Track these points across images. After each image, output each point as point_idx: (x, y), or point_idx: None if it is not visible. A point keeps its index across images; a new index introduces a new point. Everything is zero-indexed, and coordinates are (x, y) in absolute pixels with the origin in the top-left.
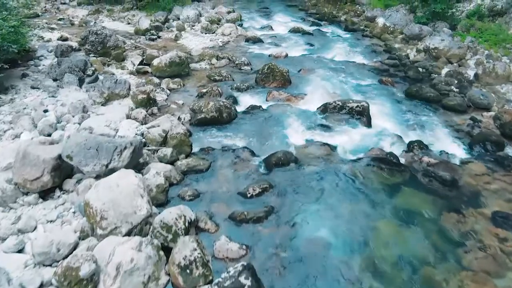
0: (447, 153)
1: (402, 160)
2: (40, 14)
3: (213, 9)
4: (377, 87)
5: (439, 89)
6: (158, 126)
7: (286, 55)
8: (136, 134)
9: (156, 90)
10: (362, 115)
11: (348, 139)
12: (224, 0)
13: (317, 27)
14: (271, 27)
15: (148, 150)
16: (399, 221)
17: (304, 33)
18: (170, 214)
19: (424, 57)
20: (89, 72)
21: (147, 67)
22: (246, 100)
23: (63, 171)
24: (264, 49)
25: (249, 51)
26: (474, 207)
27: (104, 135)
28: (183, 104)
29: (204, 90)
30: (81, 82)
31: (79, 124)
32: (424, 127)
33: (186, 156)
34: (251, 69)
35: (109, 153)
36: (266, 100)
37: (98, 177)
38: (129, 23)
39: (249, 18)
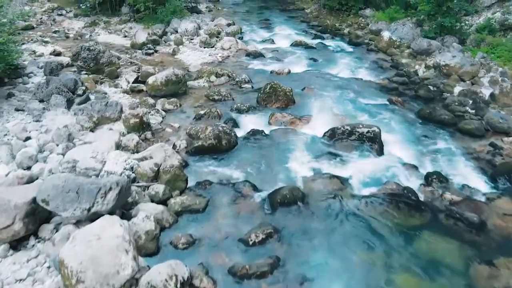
0: (469, 187)
1: (421, 197)
2: (35, 26)
3: (213, 21)
4: (386, 108)
5: (453, 110)
6: (150, 157)
7: (289, 72)
8: (124, 169)
9: (150, 112)
10: (373, 142)
11: (359, 170)
12: (224, 12)
13: (320, 40)
14: (273, 40)
15: (138, 186)
16: (420, 274)
17: (307, 47)
18: (159, 275)
19: (434, 74)
20: (80, 92)
21: (142, 85)
22: (247, 123)
23: (38, 216)
24: (265, 64)
25: (250, 67)
26: (507, 256)
27: (89, 169)
28: (179, 127)
29: (202, 112)
30: (70, 104)
31: (63, 155)
32: (440, 155)
33: (181, 193)
34: (252, 87)
35: (91, 196)
36: (269, 123)
37: (79, 222)
38: (125, 36)
39: (249, 30)
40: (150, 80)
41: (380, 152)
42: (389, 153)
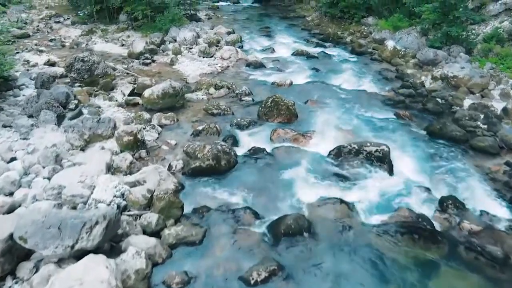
0: (488, 213)
1: (437, 226)
2: (31, 34)
3: (212, 29)
4: (393, 122)
5: (464, 125)
6: (143, 182)
7: (291, 83)
8: (115, 196)
9: (145, 128)
10: (382, 162)
11: (368, 193)
12: (223, 19)
13: (322, 49)
14: (273, 49)
15: (129, 215)
16: None
17: (309, 56)
18: None
19: (442, 85)
20: (72, 106)
21: (138, 98)
22: (247, 140)
23: (16, 253)
24: (266, 75)
25: (250, 78)
26: None
27: (76, 196)
28: (176, 144)
29: (200, 128)
30: (60, 119)
31: (49, 179)
32: (454, 176)
33: (176, 222)
34: (253, 99)
35: (75, 232)
36: (271, 140)
37: (61, 260)
38: (123, 45)
39: (249, 38)
40: (146, 93)
41: (390, 172)
42: (399, 174)
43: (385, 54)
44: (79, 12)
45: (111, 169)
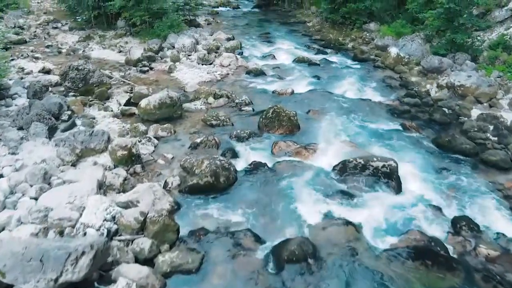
0: (505, 236)
1: (451, 250)
2: (28, 40)
3: (211, 35)
4: (399, 134)
5: (473, 137)
6: (136, 202)
7: (292, 92)
8: (105, 220)
9: (141, 140)
10: (390, 178)
11: (376, 214)
12: (223, 25)
13: (323, 56)
14: (274, 56)
15: (120, 241)
16: None
17: (310, 63)
18: None
19: (448, 94)
20: (64, 117)
21: (134, 108)
22: (247, 154)
23: None
24: (267, 83)
25: (250, 86)
26: None
27: (63, 219)
28: (172, 158)
29: (198, 140)
30: (52, 131)
31: (36, 199)
32: (466, 193)
33: (171, 247)
34: (253, 109)
35: (59, 263)
36: (272, 153)
37: None
38: (120, 51)
39: (249, 45)
40: (143, 103)
41: (398, 190)
42: (408, 191)
43: (388, 61)
44: (77, 17)
45: (103, 186)
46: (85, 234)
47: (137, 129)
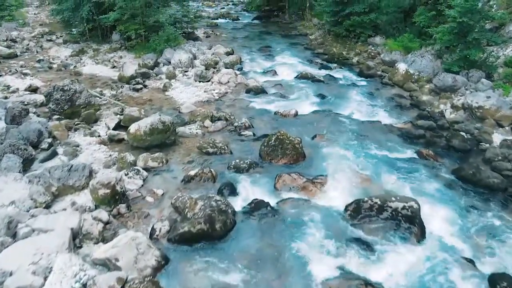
0: None
1: None
2: (19, 54)
3: (210, 49)
4: (416, 164)
5: (499, 168)
6: (115, 261)
7: (296, 114)
8: None
9: (128, 173)
10: (412, 223)
11: (398, 270)
12: (222, 37)
13: (327, 71)
14: (275, 72)
15: None
16: None
17: (314, 80)
18: None
19: (464, 116)
20: (44, 146)
21: (123, 132)
22: (247, 189)
23: None
24: (268, 102)
25: (250, 106)
26: None
27: None
28: (163, 194)
29: (193, 173)
30: (29, 164)
31: None
32: (499, 240)
33: None
34: (254, 134)
35: None
36: (275, 188)
37: None
38: (114, 67)
39: (249, 59)
40: (132, 128)
41: (421, 237)
42: (432, 239)
43: (396, 78)
44: (73, 30)
45: (79, 235)
46: None
47: (124, 160)
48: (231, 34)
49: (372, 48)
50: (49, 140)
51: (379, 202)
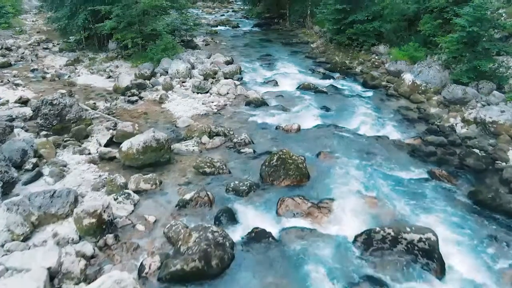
0: None
1: None
2: (13, 63)
3: (209, 58)
4: (429, 185)
5: None
6: None
7: (299, 128)
8: None
9: (118, 198)
10: (430, 257)
11: None
12: (222, 46)
13: (330, 81)
14: (276, 82)
15: None
16: None
17: (316, 90)
18: None
19: (477, 131)
20: (29, 166)
21: (115, 150)
22: (247, 216)
23: None
24: (269, 115)
25: (250, 120)
26: None
27: None
28: (155, 222)
29: (188, 197)
30: (10, 187)
31: None
32: None
33: None
34: (254, 151)
35: None
36: (277, 214)
37: None
38: (109, 77)
39: (249, 68)
40: (124, 146)
41: (441, 273)
42: (453, 274)
43: (402, 89)
44: (70, 37)
45: (58, 275)
46: None
47: (114, 182)
48: (231, 42)
49: (376, 57)
50: (34, 160)
51: (392, 233)
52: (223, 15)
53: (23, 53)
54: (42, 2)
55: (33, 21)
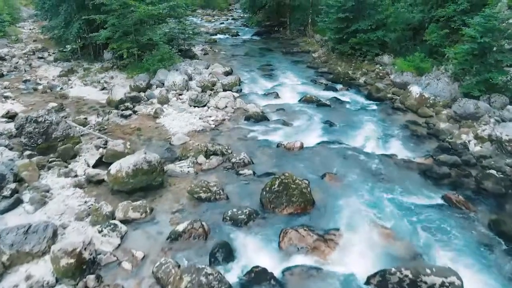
0: None
1: None
2: (5, 73)
3: (207, 68)
4: (445, 213)
5: None
6: None
7: (301, 146)
8: None
9: (102, 230)
10: None
11: None
12: (221, 55)
13: (333, 93)
14: (277, 94)
15: None
16: None
17: (319, 103)
18: None
19: (491, 149)
20: (7, 193)
21: (104, 172)
22: (246, 251)
23: None
24: (270, 131)
25: (250, 137)
26: None
27: None
28: (143, 258)
29: (181, 228)
30: None
31: None
32: None
33: None
34: (254, 172)
35: None
36: (279, 248)
37: None
38: (103, 89)
39: (249, 79)
40: (113, 169)
41: None
42: None
43: (409, 102)
44: (67, 46)
45: None
46: None
47: (99, 211)
48: (230, 51)
49: (380, 68)
50: (13, 185)
51: (410, 276)
52: (223, 23)
53: (17, 62)
54: (37, 11)
55: (30, 29)
